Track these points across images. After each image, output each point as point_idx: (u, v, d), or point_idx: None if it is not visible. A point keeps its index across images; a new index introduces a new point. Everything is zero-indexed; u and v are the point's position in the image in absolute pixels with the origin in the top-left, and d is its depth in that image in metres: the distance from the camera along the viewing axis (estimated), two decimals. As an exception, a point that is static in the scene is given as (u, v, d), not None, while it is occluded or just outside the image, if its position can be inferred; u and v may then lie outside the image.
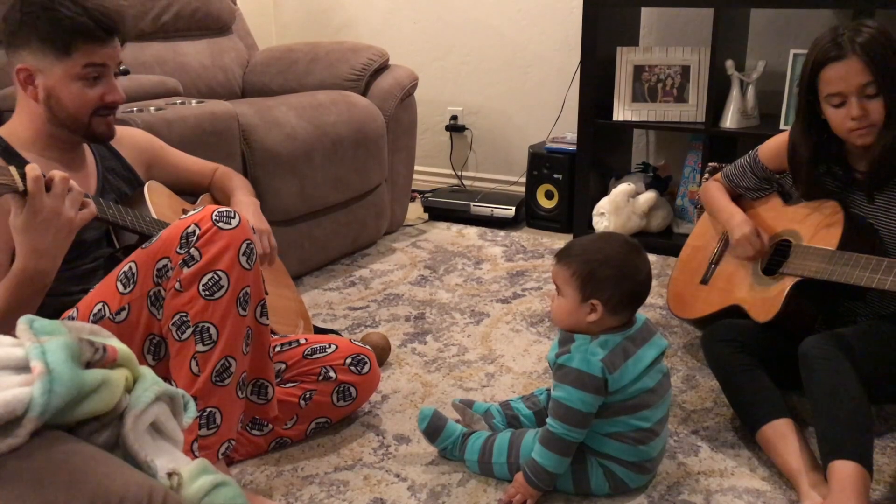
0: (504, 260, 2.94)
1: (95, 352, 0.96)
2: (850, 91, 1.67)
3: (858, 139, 1.71)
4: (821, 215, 1.84)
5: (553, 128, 3.48)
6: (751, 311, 1.85)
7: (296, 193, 2.57)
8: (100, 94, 1.59)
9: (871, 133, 1.70)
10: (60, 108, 1.58)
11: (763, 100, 2.90)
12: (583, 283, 1.51)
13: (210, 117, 2.30)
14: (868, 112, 1.67)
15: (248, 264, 1.48)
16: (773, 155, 1.99)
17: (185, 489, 0.97)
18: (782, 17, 3.02)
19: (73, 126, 1.60)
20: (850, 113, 1.68)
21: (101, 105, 1.60)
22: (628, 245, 1.53)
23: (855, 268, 1.67)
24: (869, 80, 1.65)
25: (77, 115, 1.59)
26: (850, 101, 1.67)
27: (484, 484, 1.61)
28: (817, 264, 1.75)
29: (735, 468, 1.66)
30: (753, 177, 2.03)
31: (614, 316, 1.52)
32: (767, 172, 2.00)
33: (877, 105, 1.67)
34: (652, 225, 3.07)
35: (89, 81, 1.57)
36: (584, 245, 1.56)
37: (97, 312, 1.48)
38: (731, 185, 2.09)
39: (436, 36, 3.78)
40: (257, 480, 1.63)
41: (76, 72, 1.55)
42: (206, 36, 3.10)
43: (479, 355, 2.18)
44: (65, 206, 1.38)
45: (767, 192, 2.04)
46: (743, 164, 2.06)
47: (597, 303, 1.50)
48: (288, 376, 1.74)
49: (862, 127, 1.68)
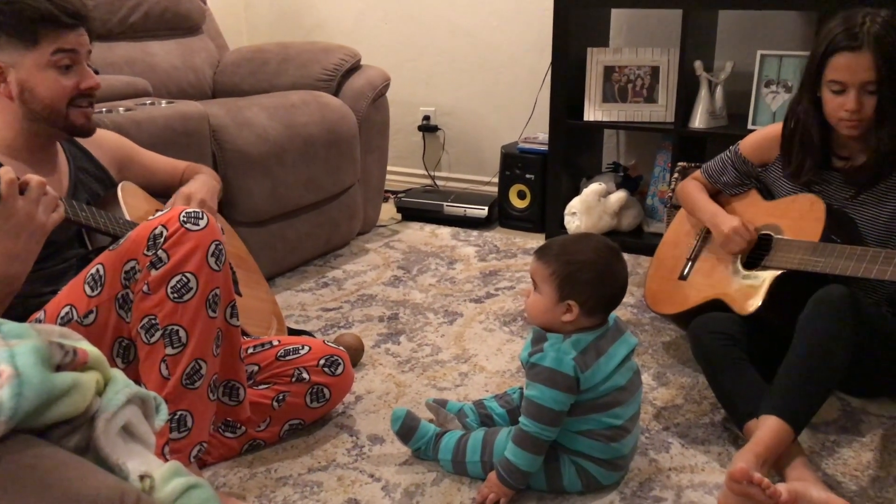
0: (477, 260, 2.95)
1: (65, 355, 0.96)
2: (854, 84, 1.70)
3: (845, 129, 1.76)
4: (801, 208, 1.86)
5: (525, 128, 3.50)
6: (733, 304, 1.86)
7: (267, 194, 2.56)
8: (74, 82, 1.58)
9: (858, 126, 1.74)
10: (36, 101, 1.56)
11: (731, 100, 2.94)
12: (561, 283, 1.52)
13: (180, 118, 2.28)
14: (863, 107, 1.71)
15: (216, 265, 1.47)
16: (756, 148, 2.02)
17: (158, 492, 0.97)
18: (750, 18, 3.06)
19: (50, 118, 1.58)
20: (846, 104, 1.72)
21: (77, 93, 1.59)
22: (609, 249, 1.54)
23: (839, 258, 1.69)
24: (874, 78, 1.68)
25: (54, 105, 1.57)
26: (850, 93, 1.71)
27: (458, 483, 1.62)
28: (800, 256, 1.77)
29: (706, 464, 1.68)
30: (734, 171, 2.06)
31: (589, 317, 1.53)
32: (749, 166, 2.03)
33: (871, 102, 1.71)
34: (623, 224, 3.10)
35: (62, 70, 1.56)
36: (566, 245, 1.56)
37: (64, 315, 1.46)
38: (710, 181, 2.12)
39: (408, 36, 3.78)
40: (230, 482, 1.62)
41: (46, 59, 1.54)
42: (176, 36, 3.08)
43: (452, 355, 2.19)
44: (38, 210, 1.37)
45: (746, 187, 2.07)
46: (723, 158, 2.09)
47: (573, 304, 1.51)
48: (261, 378, 1.73)
49: (853, 120, 1.73)
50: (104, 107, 2.15)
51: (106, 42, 2.80)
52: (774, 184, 1.99)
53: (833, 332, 1.57)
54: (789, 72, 2.75)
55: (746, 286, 1.86)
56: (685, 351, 2.18)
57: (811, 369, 1.56)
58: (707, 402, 1.92)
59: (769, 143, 1.99)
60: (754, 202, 2.02)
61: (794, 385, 1.56)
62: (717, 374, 1.77)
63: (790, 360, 1.59)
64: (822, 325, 1.59)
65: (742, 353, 1.76)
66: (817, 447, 1.73)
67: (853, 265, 1.65)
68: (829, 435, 1.78)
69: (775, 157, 1.97)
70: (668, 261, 2.17)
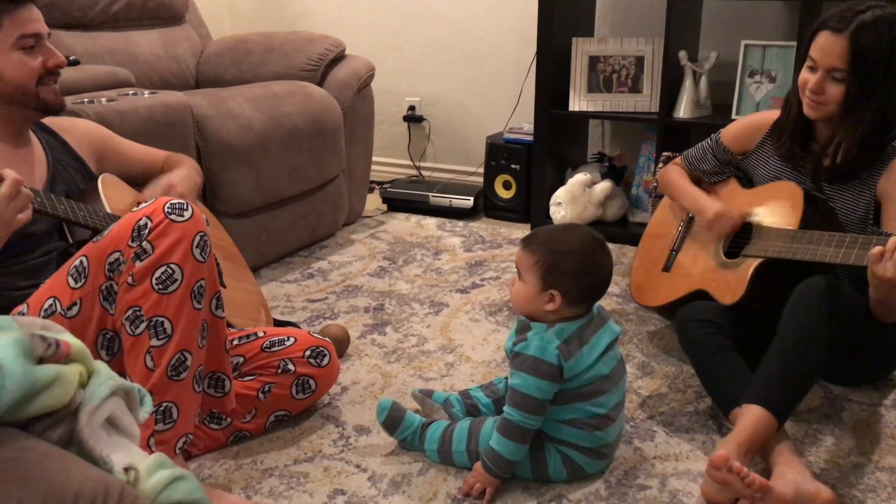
0: (463, 250, 2.95)
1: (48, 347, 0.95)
2: (822, 65, 1.72)
3: (806, 107, 1.78)
4: (780, 197, 1.87)
5: (510, 118, 3.50)
6: (716, 294, 1.87)
7: (252, 185, 2.54)
8: (40, 61, 1.60)
9: (818, 109, 1.76)
10: (6, 82, 1.57)
11: (715, 90, 2.95)
12: (545, 272, 1.52)
13: (163, 108, 2.26)
14: (824, 91, 1.73)
15: (201, 257, 1.46)
16: (736, 137, 2.03)
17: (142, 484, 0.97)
18: (734, 8, 3.07)
19: (23, 99, 1.60)
20: (809, 82, 1.74)
21: (44, 71, 1.61)
22: (594, 240, 1.54)
23: (818, 245, 1.70)
24: (842, 67, 1.69)
25: (24, 85, 1.59)
26: (818, 73, 1.73)
27: (444, 473, 1.62)
28: (780, 244, 1.78)
29: (690, 452, 1.70)
30: (714, 159, 2.07)
31: (572, 307, 1.54)
32: (729, 155, 2.04)
33: (836, 90, 1.72)
34: (608, 214, 3.11)
35: (27, 51, 1.58)
36: (551, 234, 1.56)
37: (48, 308, 1.45)
38: (691, 168, 2.12)
39: (392, 26, 3.76)
40: (216, 474, 1.62)
41: (12, 41, 1.56)
42: (159, 25, 3.05)
43: (438, 345, 2.19)
44: (7, 207, 1.36)
45: (726, 175, 2.08)
46: (704, 146, 2.10)
47: (556, 293, 1.52)
48: (246, 369, 1.73)
49: (813, 100, 1.75)
50: (86, 97, 2.13)
51: (88, 32, 2.77)
52: (754, 172, 2.00)
53: (815, 322, 1.59)
54: (773, 62, 2.76)
55: (728, 276, 1.88)
56: (670, 340, 2.19)
57: (794, 360, 1.58)
58: (691, 391, 1.93)
59: (749, 132, 2.00)
60: (734, 190, 2.04)
61: (777, 375, 1.57)
62: (702, 362, 1.78)
63: (773, 351, 1.61)
64: (805, 315, 1.60)
65: (727, 340, 1.77)
66: (800, 434, 1.74)
67: (832, 251, 1.67)
68: (811, 423, 1.79)
69: (755, 146, 1.99)
70: (651, 252, 2.17)
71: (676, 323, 1.88)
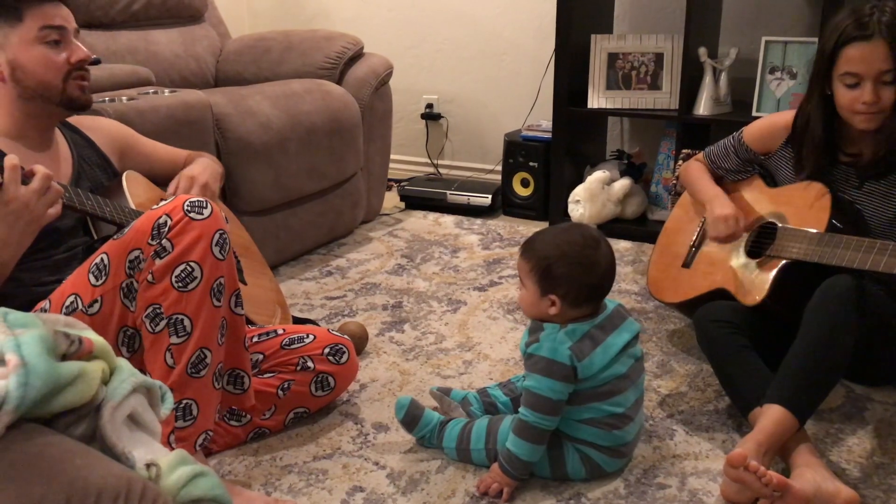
0: (481, 248, 2.94)
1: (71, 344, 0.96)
2: (869, 75, 1.67)
3: (862, 123, 1.72)
4: (807, 198, 1.84)
5: (528, 116, 3.49)
6: (737, 294, 1.86)
7: (270, 183, 2.55)
8: (66, 57, 1.59)
9: (876, 119, 1.71)
10: (29, 77, 1.56)
11: (735, 87, 2.92)
12: (540, 278, 1.52)
13: (183, 107, 2.28)
14: (881, 98, 1.68)
15: (221, 255, 1.47)
16: (758, 137, 2.00)
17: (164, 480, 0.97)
18: (754, 4, 3.05)
19: (47, 93, 1.59)
20: (862, 96, 1.68)
21: (70, 67, 1.60)
22: (586, 239, 1.53)
23: (846, 249, 1.67)
24: (890, 66, 1.65)
25: (48, 80, 1.58)
26: (866, 84, 1.68)
27: (462, 470, 1.62)
28: (805, 246, 1.76)
29: (710, 451, 1.69)
30: (736, 158, 2.05)
31: (575, 309, 1.53)
32: (751, 154, 2.01)
33: (890, 92, 1.68)
34: (627, 212, 3.09)
35: (51, 45, 1.57)
36: (544, 239, 1.56)
37: (70, 305, 1.46)
38: (713, 166, 2.10)
39: (410, 24, 3.76)
40: (236, 471, 1.63)
41: (33, 35, 1.55)
42: (178, 24, 3.07)
43: (456, 343, 2.19)
44: (38, 202, 1.37)
45: (748, 174, 2.05)
46: (726, 144, 2.07)
47: (555, 298, 1.51)
48: (266, 367, 1.74)
49: (871, 112, 1.70)
50: (106, 96, 2.15)
51: (108, 31, 2.79)
52: (778, 172, 1.98)
53: (839, 322, 1.57)
54: (794, 58, 2.74)
55: (750, 276, 1.86)
56: (689, 339, 2.18)
57: (816, 360, 1.56)
58: (711, 390, 1.92)
59: (772, 133, 1.97)
60: (759, 188, 2.01)
61: (799, 375, 1.56)
62: (721, 362, 1.77)
63: (796, 350, 1.59)
64: (828, 315, 1.58)
65: (746, 340, 1.76)
66: (821, 434, 1.73)
67: (860, 256, 1.64)
68: (833, 422, 1.78)
69: (778, 146, 1.96)
70: (671, 248, 2.16)
71: (695, 323, 1.86)
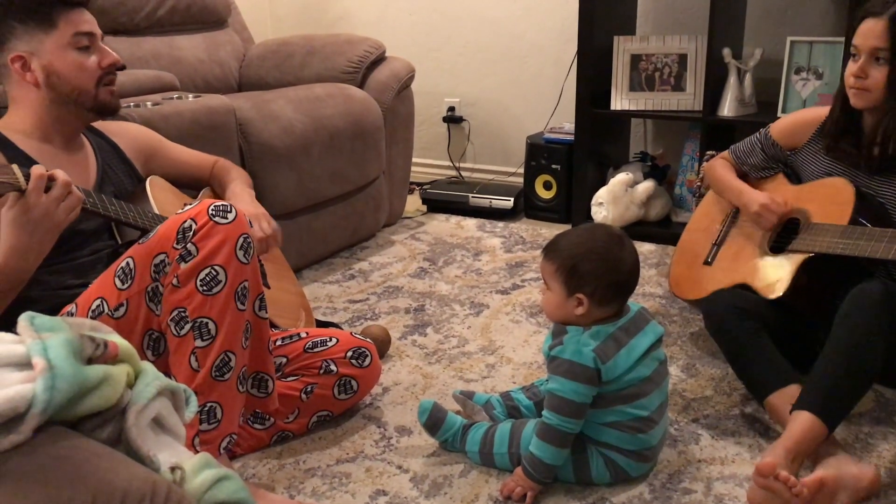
0: (503, 251, 2.94)
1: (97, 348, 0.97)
2: (864, 49, 1.71)
3: (852, 97, 1.76)
4: (829, 192, 1.84)
5: (551, 118, 3.48)
6: (759, 287, 1.84)
7: (294, 187, 2.56)
8: (97, 62, 1.62)
9: (863, 96, 1.74)
10: (64, 82, 1.59)
11: (760, 87, 2.90)
12: (567, 277, 1.51)
13: (207, 112, 2.29)
14: (868, 74, 1.71)
15: (245, 258, 1.48)
16: (786, 132, 2.00)
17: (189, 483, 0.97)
18: (779, 4, 3.02)
19: (80, 98, 1.62)
20: (852, 68, 1.73)
21: (102, 72, 1.63)
22: (611, 237, 1.53)
23: (869, 241, 1.67)
24: (883, 46, 1.67)
25: (82, 84, 1.61)
26: (860, 58, 1.72)
27: (486, 475, 1.62)
28: (829, 239, 1.75)
29: (736, 456, 1.67)
30: (762, 154, 2.04)
31: (602, 308, 1.52)
32: (777, 150, 2.01)
33: (880, 73, 1.70)
34: (650, 214, 3.07)
35: (83, 51, 1.60)
36: (568, 239, 1.56)
37: (96, 308, 1.48)
38: (738, 162, 2.10)
39: (432, 27, 3.77)
40: (260, 474, 1.64)
41: (67, 41, 1.58)
42: (202, 30, 3.09)
43: (479, 346, 2.18)
44: (57, 209, 1.38)
45: (773, 171, 2.04)
46: (753, 140, 2.07)
47: (582, 297, 1.51)
48: (289, 370, 1.74)
49: (857, 87, 1.73)
50: (131, 101, 2.17)
51: (133, 37, 2.82)
52: (803, 168, 1.96)
53: (870, 329, 1.55)
54: (820, 58, 2.71)
55: (773, 270, 1.84)
56: (714, 343, 2.15)
57: (847, 367, 1.54)
58: (737, 394, 1.90)
59: (800, 128, 1.97)
60: (781, 186, 2.00)
61: (829, 382, 1.53)
62: (733, 349, 1.76)
63: (826, 357, 1.57)
64: (860, 322, 1.56)
65: (757, 323, 1.75)
66: (850, 439, 1.70)
67: (883, 246, 1.63)
68: (862, 427, 1.75)
69: (805, 142, 1.95)
70: (693, 246, 2.14)
71: (704, 313, 1.85)
